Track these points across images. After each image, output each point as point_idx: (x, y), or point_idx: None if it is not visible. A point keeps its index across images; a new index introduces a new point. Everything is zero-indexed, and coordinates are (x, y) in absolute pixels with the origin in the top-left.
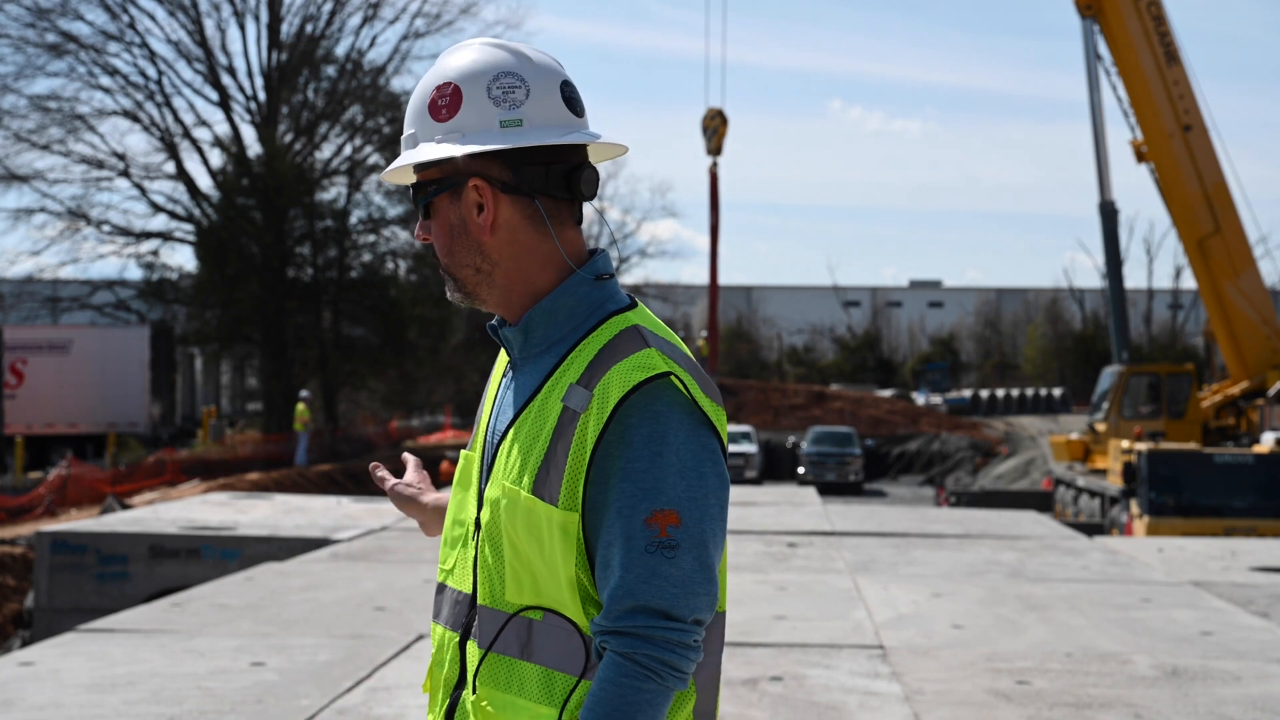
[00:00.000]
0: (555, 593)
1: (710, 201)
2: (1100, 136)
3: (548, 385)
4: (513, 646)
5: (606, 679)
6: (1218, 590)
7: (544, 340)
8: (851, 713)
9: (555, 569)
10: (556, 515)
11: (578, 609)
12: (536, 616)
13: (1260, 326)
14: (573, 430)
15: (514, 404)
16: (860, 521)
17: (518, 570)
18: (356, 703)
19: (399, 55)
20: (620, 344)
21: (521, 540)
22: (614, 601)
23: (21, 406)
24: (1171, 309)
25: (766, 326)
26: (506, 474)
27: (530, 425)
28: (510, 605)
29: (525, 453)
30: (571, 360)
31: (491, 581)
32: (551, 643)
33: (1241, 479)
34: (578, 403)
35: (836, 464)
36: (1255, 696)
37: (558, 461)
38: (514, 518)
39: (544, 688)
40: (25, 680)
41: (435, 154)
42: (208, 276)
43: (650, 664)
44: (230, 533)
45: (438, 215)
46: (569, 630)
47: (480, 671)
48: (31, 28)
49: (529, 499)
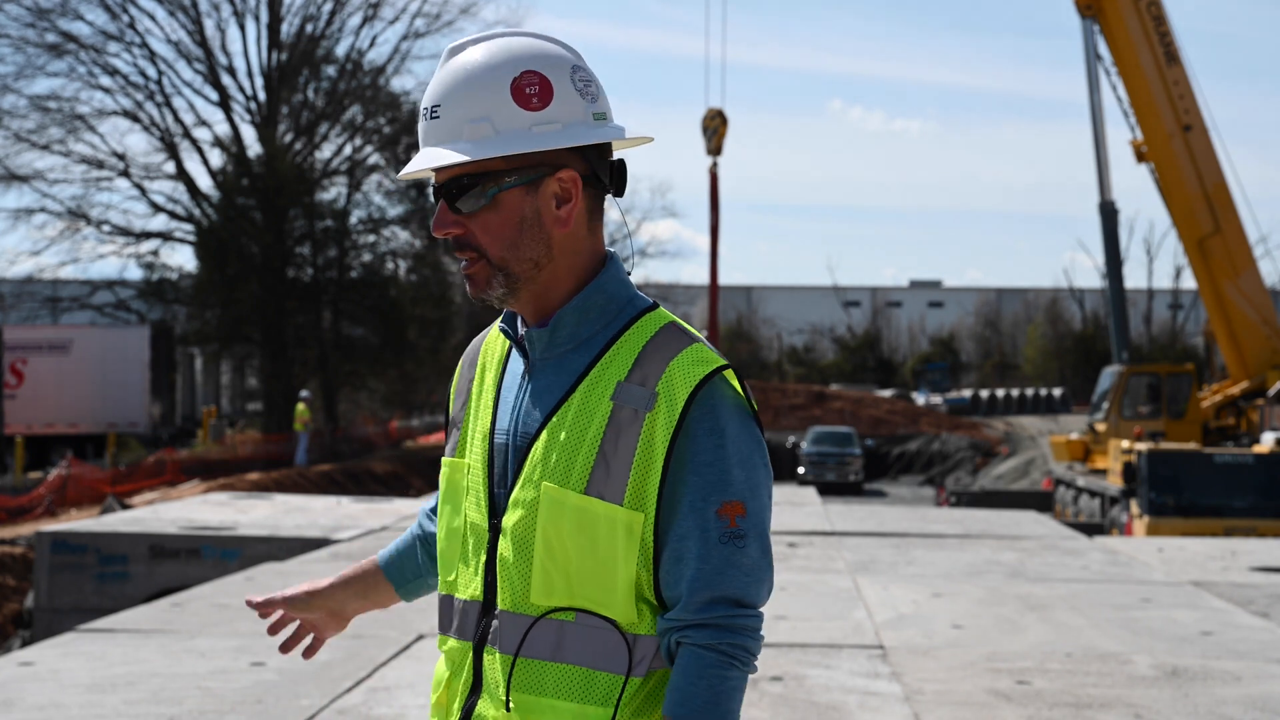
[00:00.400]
0: (596, 592)
1: (710, 201)
2: (1100, 136)
3: (585, 384)
4: (543, 649)
5: (692, 672)
6: (1218, 590)
7: (572, 338)
8: (851, 713)
9: (611, 569)
10: (621, 514)
11: (627, 607)
12: (568, 617)
13: (1260, 326)
14: (636, 428)
15: (540, 405)
16: (860, 521)
17: (548, 571)
18: (356, 703)
19: (399, 55)
20: (666, 341)
21: (565, 541)
22: (693, 594)
23: (21, 406)
24: (1171, 309)
25: (766, 326)
26: (547, 474)
27: (571, 425)
28: (536, 608)
29: (569, 453)
30: (611, 358)
31: (513, 585)
32: (587, 642)
33: (1241, 479)
34: (638, 401)
35: (836, 464)
36: (1255, 696)
37: (619, 460)
38: (558, 518)
39: (584, 688)
40: (25, 680)
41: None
42: (208, 276)
43: (734, 652)
44: (230, 533)
45: (502, 207)
46: (606, 629)
47: (513, 677)
48: (31, 28)
49: (581, 499)
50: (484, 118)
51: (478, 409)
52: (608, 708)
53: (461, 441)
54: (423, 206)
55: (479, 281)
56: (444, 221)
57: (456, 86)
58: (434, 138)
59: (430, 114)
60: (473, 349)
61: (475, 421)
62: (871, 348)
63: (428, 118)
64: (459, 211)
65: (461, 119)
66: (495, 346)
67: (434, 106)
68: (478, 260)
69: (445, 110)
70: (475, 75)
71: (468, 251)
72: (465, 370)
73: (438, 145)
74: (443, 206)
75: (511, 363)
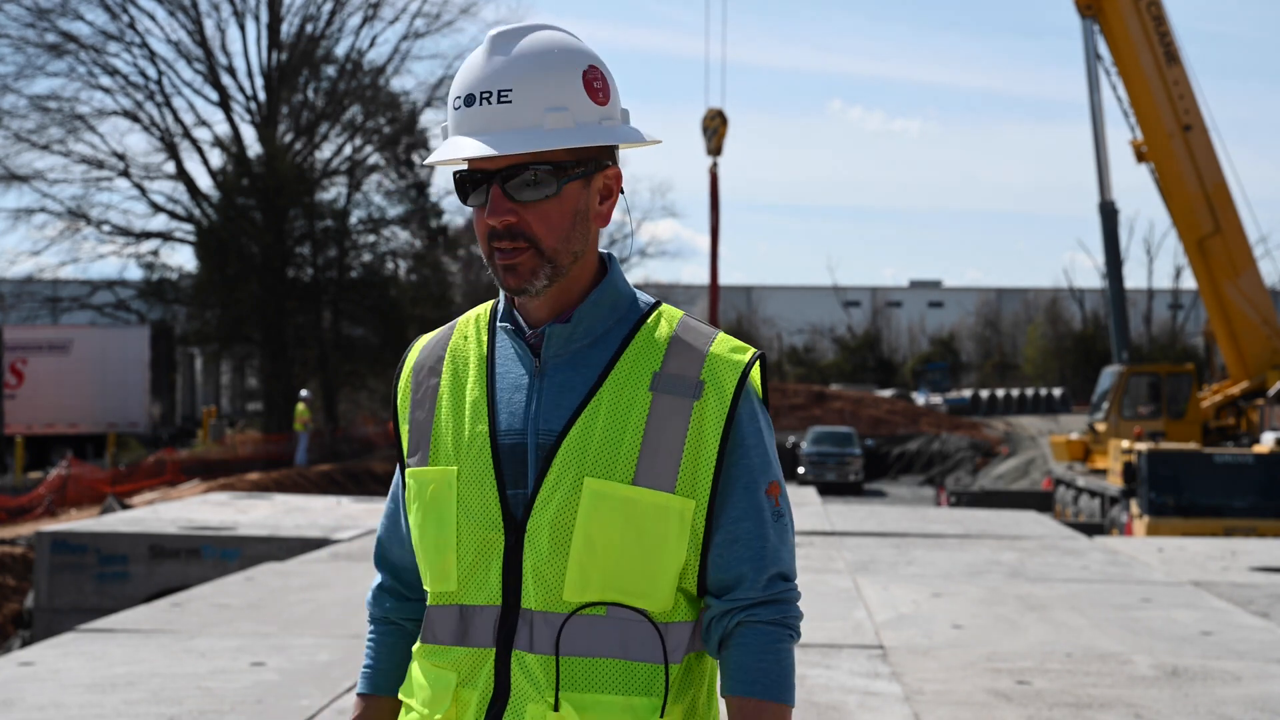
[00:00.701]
0: (635, 584)
1: (711, 201)
2: (1100, 136)
3: (613, 377)
4: (579, 645)
5: (758, 648)
6: (1218, 590)
7: (589, 333)
8: (851, 712)
9: (657, 558)
10: (675, 503)
11: (666, 597)
12: (599, 612)
13: (1260, 326)
14: (683, 417)
15: (564, 402)
16: (860, 521)
17: (584, 567)
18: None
19: (399, 55)
20: (691, 332)
21: (610, 534)
22: (758, 573)
23: (21, 406)
24: (1171, 309)
25: (766, 326)
26: (587, 469)
27: (607, 418)
28: (568, 605)
29: (609, 445)
30: (636, 351)
31: (544, 584)
32: (620, 635)
33: (1241, 479)
34: (682, 390)
35: (836, 464)
36: (1255, 696)
37: (667, 449)
38: (602, 512)
39: (626, 680)
40: (25, 680)
41: (638, 138)
42: (208, 276)
43: (792, 624)
44: (230, 533)
45: (563, 199)
46: (637, 620)
47: (560, 675)
48: (31, 28)
49: (630, 490)
50: (563, 107)
51: (459, 414)
52: (652, 697)
53: (436, 450)
54: (423, 206)
55: (524, 272)
56: (501, 208)
57: (531, 72)
58: (502, 122)
59: (499, 97)
60: (427, 354)
61: (460, 426)
62: (871, 348)
63: (495, 101)
64: (513, 199)
65: (540, 106)
66: (466, 349)
67: (505, 90)
68: (526, 250)
69: (520, 95)
70: (550, 63)
71: (518, 241)
72: (423, 376)
73: (507, 130)
74: (497, 193)
75: (502, 363)
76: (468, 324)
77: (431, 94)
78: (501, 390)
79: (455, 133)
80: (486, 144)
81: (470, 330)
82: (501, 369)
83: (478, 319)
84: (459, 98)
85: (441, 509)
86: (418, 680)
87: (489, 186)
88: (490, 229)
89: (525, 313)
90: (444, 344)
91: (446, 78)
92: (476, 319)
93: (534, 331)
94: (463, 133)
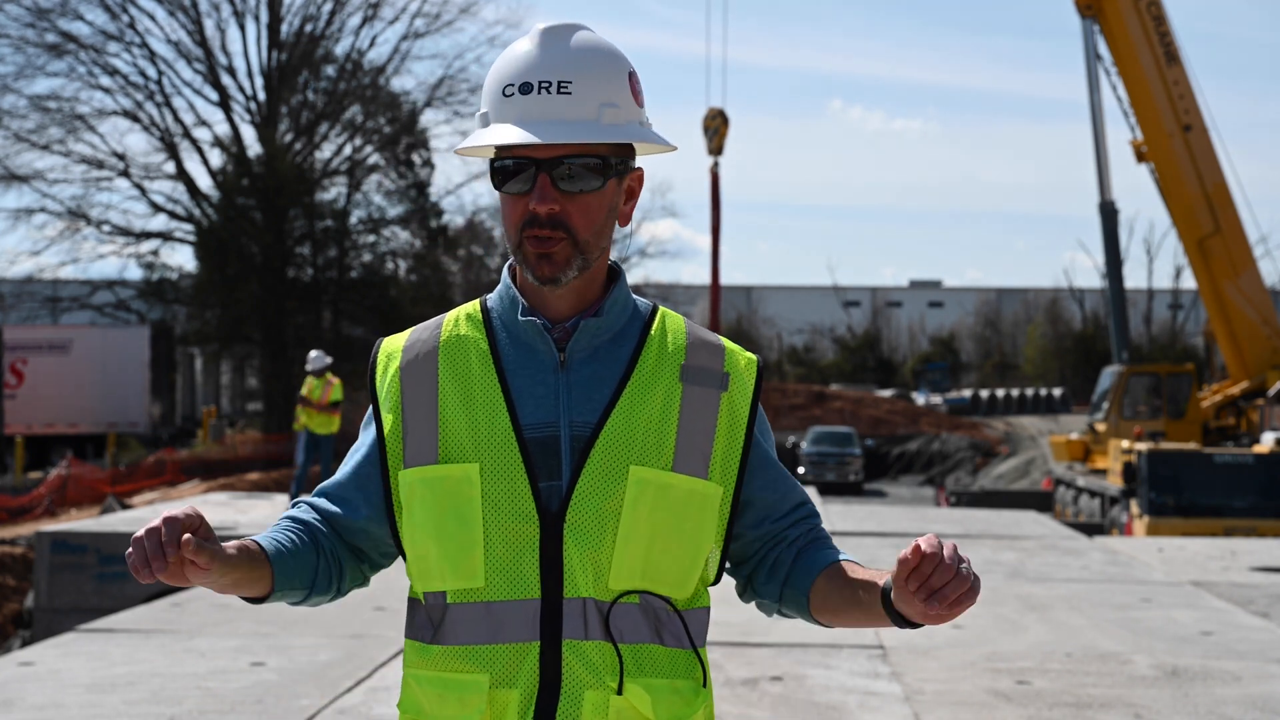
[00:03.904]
0: (669, 570)
1: (711, 201)
2: (1100, 136)
3: (639, 369)
4: (625, 633)
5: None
6: (1218, 590)
7: (609, 329)
8: (851, 712)
9: (695, 543)
10: (710, 489)
11: (693, 582)
12: (634, 600)
13: (1260, 326)
14: (713, 406)
15: (595, 394)
16: (860, 521)
17: (628, 554)
18: (356, 703)
19: (399, 55)
20: (699, 330)
21: (655, 520)
22: (805, 504)
23: (21, 406)
24: (1171, 309)
25: (766, 326)
26: (633, 457)
27: (642, 409)
28: (611, 593)
29: (648, 434)
30: (658, 345)
31: (591, 573)
32: (654, 622)
33: (1241, 479)
34: (712, 381)
35: (836, 464)
36: (1255, 696)
37: (700, 437)
38: (647, 498)
39: (669, 664)
40: (25, 680)
41: (666, 141)
42: (208, 276)
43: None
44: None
45: (599, 194)
46: (664, 607)
47: (624, 663)
48: (31, 28)
49: (671, 476)
50: (616, 103)
51: (470, 409)
52: (691, 680)
53: (447, 447)
54: (423, 206)
55: (558, 261)
56: (549, 196)
57: (589, 68)
58: (559, 112)
59: (559, 88)
60: (420, 347)
61: (475, 422)
62: (871, 348)
63: (554, 91)
64: (560, 189)
65: (597, 100)
66: (463, 344)
67: (565, 82)
68: (563, 240)
69: (580, 88)
70: (603, 61)
71: (557, 230)
72: (414, 372)
73: (563, 121)
74: (545, 180)
75: (510, 357)
76: (457, 320)
77: (431, 94)
78: (520, 383)
79: (503, 119)
80: (546, 132)
81: (464, 326)
82: (513, 362)
83: (469, 315)
84: (513, 84)
85: (462, 506)
86: (429, 695)
87: (536, 173)
88: (529, 216)
89: (543, 307)
90: (434, 340)
91: (446, 78)
92: (468, 315)
93: (561, 325)
94: (513, 120)
